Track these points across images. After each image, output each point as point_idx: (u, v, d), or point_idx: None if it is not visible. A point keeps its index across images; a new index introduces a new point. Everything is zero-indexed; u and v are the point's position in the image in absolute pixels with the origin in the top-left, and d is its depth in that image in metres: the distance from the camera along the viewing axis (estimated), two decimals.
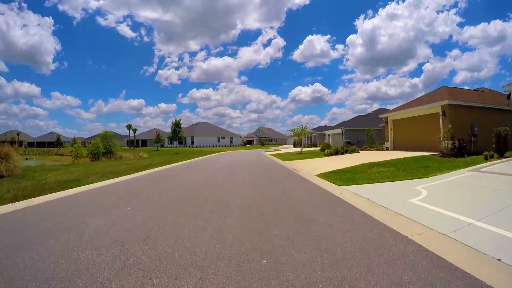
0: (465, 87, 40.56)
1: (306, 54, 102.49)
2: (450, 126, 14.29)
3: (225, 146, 69.95)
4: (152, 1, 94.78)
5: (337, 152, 19.58)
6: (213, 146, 67.22)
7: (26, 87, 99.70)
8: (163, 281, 2.39)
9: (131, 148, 66.60)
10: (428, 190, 5.98)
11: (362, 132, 35.33)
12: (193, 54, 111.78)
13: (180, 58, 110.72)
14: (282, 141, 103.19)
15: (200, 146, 63.79)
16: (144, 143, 77.41)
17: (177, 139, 36.34)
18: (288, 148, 47.83)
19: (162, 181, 9.02)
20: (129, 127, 71.05)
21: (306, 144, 44.32)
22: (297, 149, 36.74)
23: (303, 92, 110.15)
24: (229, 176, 9.88)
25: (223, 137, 72.65)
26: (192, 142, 65.36)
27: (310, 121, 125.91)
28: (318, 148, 34.89)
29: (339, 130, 37.50)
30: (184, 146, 65.60)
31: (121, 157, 33.05)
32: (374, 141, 28.55)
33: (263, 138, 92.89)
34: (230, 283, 2.34)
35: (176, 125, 35.66)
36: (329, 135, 42.14)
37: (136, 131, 72.41)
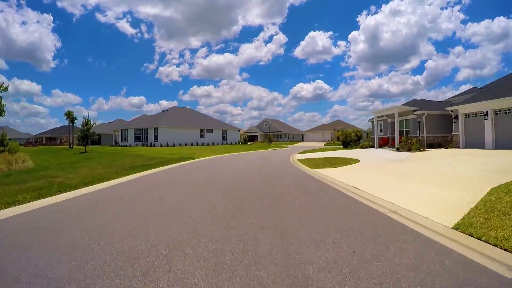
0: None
1: (308, 50, 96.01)
2: None
3: (213, 144, 42.96)
4: None
5: None
6: (191, 144, 40.22)
7: (27, 85, 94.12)
8: None
9: (70, 148, 39.82)
10: None
11: None
12: (194, 51, 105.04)
13: (181, 55, 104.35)
14: (295, 137, 76.64)
15: (168, 145, 36.77)
16: (100, 139, 51.21)
17: None
18: (337, 150, 20.44)
19: None
20: (68, 115, 43.96)
21: (386, 140, 16.89)
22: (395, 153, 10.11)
23: (305, 89, 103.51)
24: None
25: (209, 130, 45.06)
26: (156, 138, 38.21)
27: (312, 119, 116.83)
28: None
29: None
30: (143, 145, 38.62)
31: None
32: None
33: (271, 133, 65.91)
34: None
35: None
36: (467, 116, 14.58)
37: (75, 121, 44.16)
